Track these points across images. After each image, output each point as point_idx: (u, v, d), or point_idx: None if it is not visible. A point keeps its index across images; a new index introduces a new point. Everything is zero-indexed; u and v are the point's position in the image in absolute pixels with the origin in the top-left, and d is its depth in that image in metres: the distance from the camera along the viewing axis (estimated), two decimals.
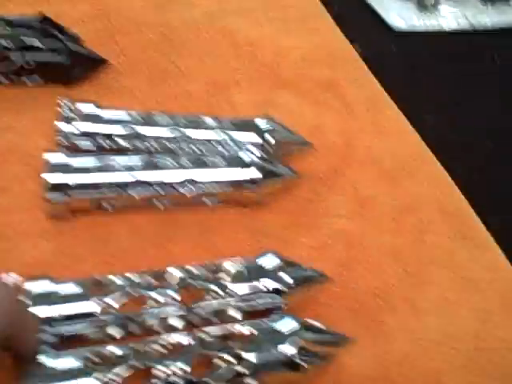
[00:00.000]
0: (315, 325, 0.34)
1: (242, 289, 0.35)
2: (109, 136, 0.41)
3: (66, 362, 0.29)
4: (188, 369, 0.31)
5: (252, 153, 0.42)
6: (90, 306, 0.32)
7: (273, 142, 0.43)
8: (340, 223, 0.43)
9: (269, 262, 0.37)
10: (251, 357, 0.32)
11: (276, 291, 0.35)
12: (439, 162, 0.48)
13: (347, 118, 0.50)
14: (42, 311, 0.31)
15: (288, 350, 0.32)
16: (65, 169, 0.38)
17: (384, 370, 0.36)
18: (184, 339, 0.32)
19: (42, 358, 0.30)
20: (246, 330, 0.33)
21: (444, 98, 0.55)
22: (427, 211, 0.44)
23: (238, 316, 0.35)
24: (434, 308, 0.39)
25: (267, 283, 0.35)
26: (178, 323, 0.34)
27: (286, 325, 0.34)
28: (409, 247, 0.42)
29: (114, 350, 0.31)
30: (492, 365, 0.37)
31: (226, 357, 0.32)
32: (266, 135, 0.43)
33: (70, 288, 0.33)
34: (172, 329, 0.34)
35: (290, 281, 0.36)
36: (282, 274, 0.36)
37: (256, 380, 0.32)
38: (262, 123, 0.44)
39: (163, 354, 0.32)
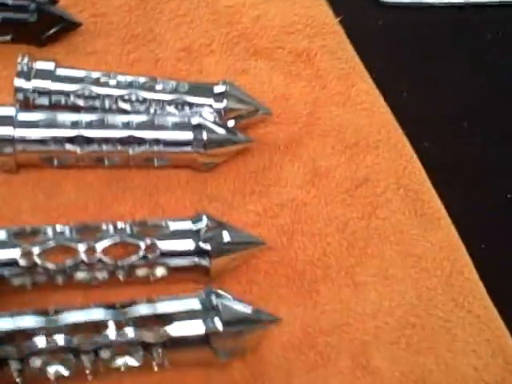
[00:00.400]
0: (240, 308, 0.34)
1: (171, 246, 0.35)
2: (65, 94, 0.42)
3: None
4: None
5: (205, 116, 0.41)
6: (12, 252, 0.33)
7: (229, 106, 0.43)
8: (291, 193, 0.42)
9: (203, 224, 0.36)
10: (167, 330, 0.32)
11: (206, 252, 0.35)
12: (408, 137, 0.47)
13: (317, 90, 0.49)
14: None
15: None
16: (12, 122, 0.38)
17: (311, 339, 0.36)
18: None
19: None
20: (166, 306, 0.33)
21: (424, 74, 0.53)
22: (384, 186, 0.43)
23: (164, 272, 0.35)
24: (375, 282, 0.39)
25: (198, 244, 0.35)
26: (103, 276, 0.35)
27: (208, 304, 0.33)
28: (358, 221, 0.41)
29: None
30: (423, 342, 0.36)
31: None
32: (223, 100, 0.43)
33: None
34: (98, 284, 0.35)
35: (224, 244, 0.36)
36: (214, 237, 0.36)
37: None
38: (219, 88, 0.44)
39: None
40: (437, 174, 0.45)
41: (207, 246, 0.35)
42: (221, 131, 0.41)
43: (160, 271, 0.35)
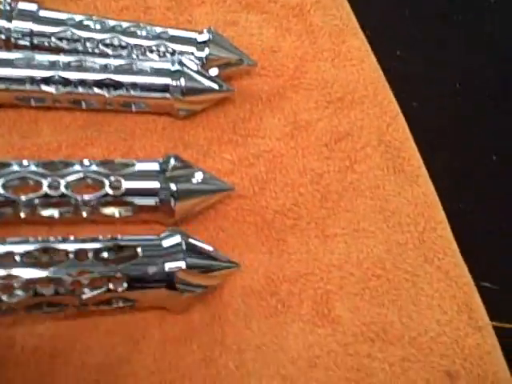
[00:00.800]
0: (203, 248, 0.33)
1: (136, 185, 0.35)
2: (46, 36, 0.42)
3: None
4: None
5: (186, 63, 0.41)
6: None
7: (211, 54, 0.43)
8: (269, 144, 0.42)
9: (170, 164, 0.36)
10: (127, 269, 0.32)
11: (171, 193, 0.35)
12: (397, 97, 0.46)
13: (306, 44, 0.48)
14: None
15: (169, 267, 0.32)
16: None
17: (274, 286, 0.36)
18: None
19: None
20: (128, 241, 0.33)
21: (421, 35, 0.52)
22: (365, 141, 0.43)
23: (129, 212, 0.35)
24: (344, 234, 0.38)
25: (163, 184, 0.35)
26: (67, 212, 0.35)
27: (172, 242, 0.33)
28: (334, 174, 0.41)
29: None
30: (387, 294, 0.36)
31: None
32: (205, 49, 0.43)
33: None
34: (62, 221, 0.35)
35: (190, 184, 0.36)
36: (180, 177, 0.36)
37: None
38: (202, 37, 0.43)
39: None
40: (422, 134, 0.44)
41: (172, 186, 0.35)
42: (200, 79, 0.41)
43: (124, 210, 0.35)
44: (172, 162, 0.36)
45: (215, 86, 0.41)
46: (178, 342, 0.33)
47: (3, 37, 0.41)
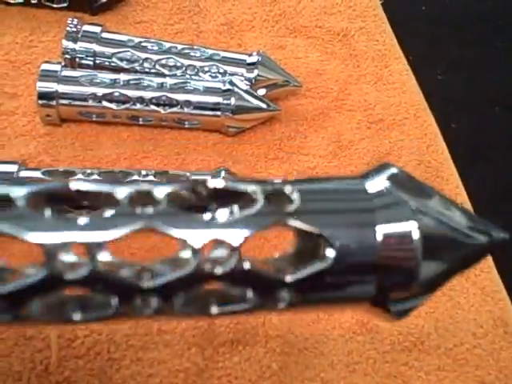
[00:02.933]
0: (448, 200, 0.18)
1: None
2: (108, 56, 0.45)
3: None
4: None
5: (236, 83, 0.44)
6: None
7: (259, 76, 0.45)
8: (313, 161, 0.44)
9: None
10: None
11: None
12: (437, 118, 0.48)
13: (350, 68, 0.50)
14: None
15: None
16: (57, 78, 0.42)
17: None
18: None
19: None
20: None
21: (462, 60, 0.54)
22: (405, 161, 0.45)
23: None
24: None
25: None
26: None
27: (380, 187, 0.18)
28: None
29: None
30: (424, 307, 0.37)
31: None
32: (254, 70, 0.45)
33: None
34: None
35: None
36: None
37: None
38: (252, 59, 0.46)
39: None
40: (461, 154, 0.46)
41: None
42: (249, 98, 0.43)
43: None
44: (222, 174, 0.39)
45: (263, 105, 0.44)
46: (225, 342, 0.35)
47: (69, 56, 0.45)
